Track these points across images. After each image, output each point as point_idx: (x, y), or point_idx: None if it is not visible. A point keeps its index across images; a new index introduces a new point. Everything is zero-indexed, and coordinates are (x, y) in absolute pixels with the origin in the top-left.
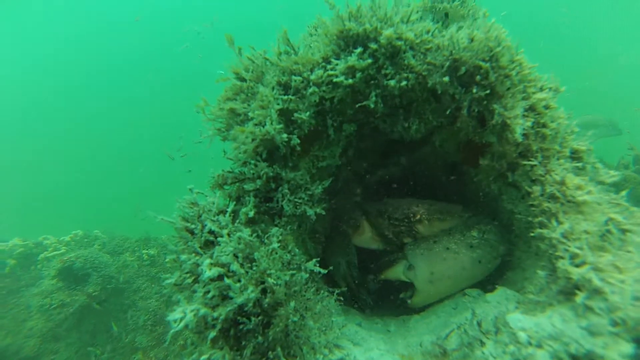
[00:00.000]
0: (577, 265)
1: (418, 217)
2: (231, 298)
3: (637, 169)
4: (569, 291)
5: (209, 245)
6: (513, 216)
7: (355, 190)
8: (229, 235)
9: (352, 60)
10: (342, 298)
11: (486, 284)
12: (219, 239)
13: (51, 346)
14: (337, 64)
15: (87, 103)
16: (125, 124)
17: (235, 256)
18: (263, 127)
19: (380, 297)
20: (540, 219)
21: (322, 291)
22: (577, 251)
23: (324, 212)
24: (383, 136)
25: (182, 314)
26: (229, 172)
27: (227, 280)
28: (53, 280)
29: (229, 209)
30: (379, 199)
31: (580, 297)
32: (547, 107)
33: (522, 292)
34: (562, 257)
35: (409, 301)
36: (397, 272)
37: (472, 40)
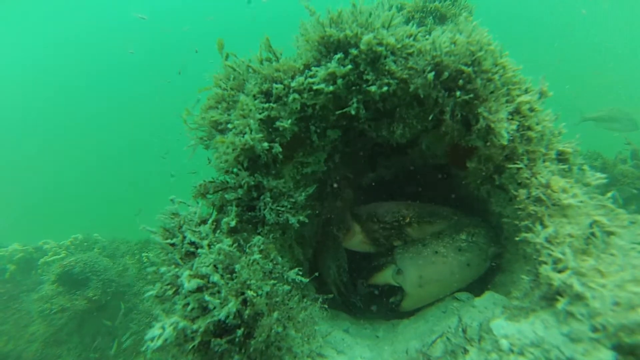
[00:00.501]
0: (559, 271)
1: (408, 220)
2: (211, 309)
3: (635, 163)
4: (551, 297)
5: (189, 256)
6: (501, 219)
7: (345, 194)
8: (209, 246)
9: (332, 66)
10: (325, 306)
11: (477, 286)
12: (199, 250)
13: (53, 351)
14: (317, 71)
15: (87, 103)
16: (125, 124)
17: (215, 267)
18: (243, 136)
19: (373, 300)
20: (526, 222)
21: (306, 299)
22: (560, 256)
23: (307, 220)
24: (369, 140)
25: (161, 330)
26: (211, 181)
27: (206, 296)
28: (53, 285)
29: (211, 219)
30: (370, 202)
31: (561, 303)
32: (532, 109)
33: (509, 297)
34: (545, 262)
35: (398, 305)
36: (386, 276)
37: (454, 44)
